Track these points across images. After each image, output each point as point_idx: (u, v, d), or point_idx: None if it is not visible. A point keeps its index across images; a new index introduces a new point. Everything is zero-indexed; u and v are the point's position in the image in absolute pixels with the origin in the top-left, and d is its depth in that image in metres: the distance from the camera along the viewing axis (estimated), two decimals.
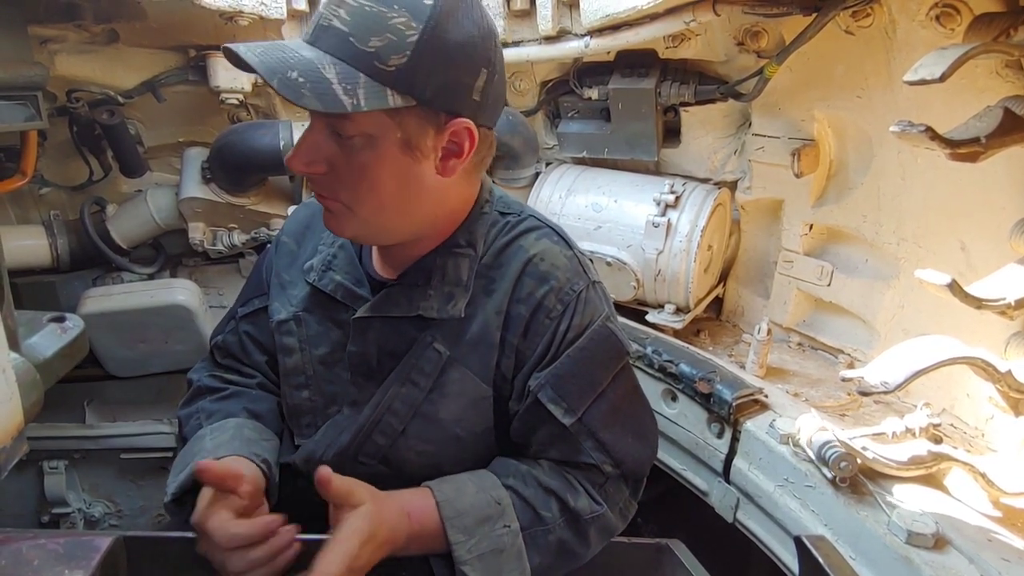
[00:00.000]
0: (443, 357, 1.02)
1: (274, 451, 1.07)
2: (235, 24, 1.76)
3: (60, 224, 2.07)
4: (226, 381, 1.18)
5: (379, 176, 0.91)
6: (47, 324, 0.82)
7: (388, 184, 0.92)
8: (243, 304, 1.20)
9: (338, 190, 0.93)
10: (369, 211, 0.94)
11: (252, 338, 1.19)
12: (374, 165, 0.90)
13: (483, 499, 0.96)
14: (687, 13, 1.60)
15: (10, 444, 0.65)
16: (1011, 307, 1.15)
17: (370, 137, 0.88)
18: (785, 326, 1.91)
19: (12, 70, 1.59)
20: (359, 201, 0.93)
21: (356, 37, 0.84)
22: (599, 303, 1.06)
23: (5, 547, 0.82)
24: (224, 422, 1.07)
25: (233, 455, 0.99)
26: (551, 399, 1.00)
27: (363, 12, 0.84)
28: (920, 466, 1.23)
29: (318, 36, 0.86)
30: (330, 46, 0.84)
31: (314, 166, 0.91)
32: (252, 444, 1.03)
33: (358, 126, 0.87)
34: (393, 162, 0.90)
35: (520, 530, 0.97)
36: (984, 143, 1.03)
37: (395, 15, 0.84)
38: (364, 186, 0.91)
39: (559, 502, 1.01)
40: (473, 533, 0.93)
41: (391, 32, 0.83)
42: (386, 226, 0.97)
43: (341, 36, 0.84)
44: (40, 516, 2.31)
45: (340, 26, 0.84)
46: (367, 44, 0.83)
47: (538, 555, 0.98)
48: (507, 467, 1.04)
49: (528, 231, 1.07)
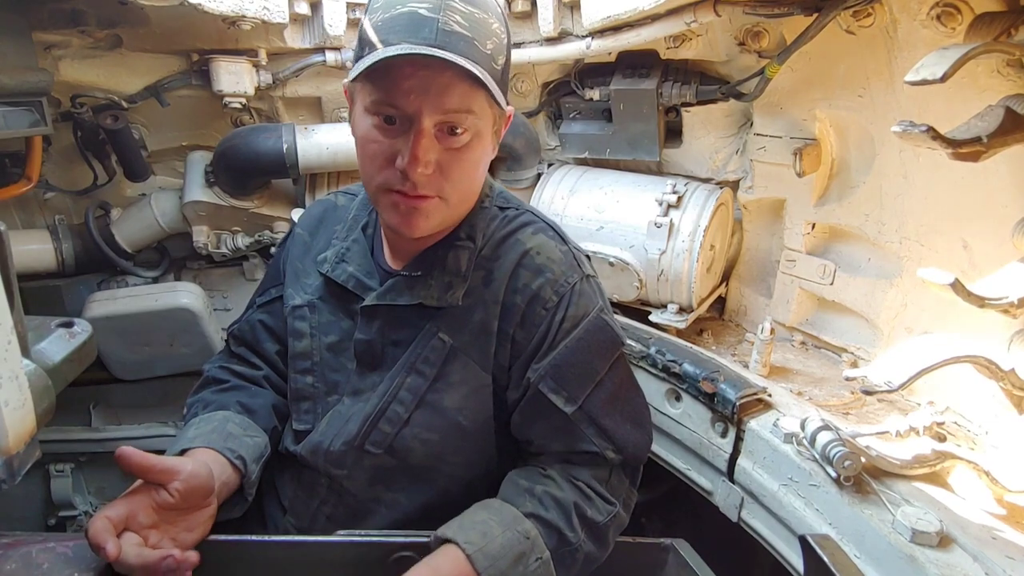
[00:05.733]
0: (447, 346, 1.05)
1: (256, 448, 1.07)
2: (238, 28, 1.76)
3: (65, 228, 2.08)
4: (233, 373, 1.22)
5: (478, 166, 1.00)
6: (55, 329, 0.83)
7: (481, 172, 1.03)
8: (261, 294, 1.26)
9: (440, 186, 0.97)
10: (459, 199, 1.01)
11: (266, 326, 1.23)
12: (479, 156, 0.99)
13: (511, 537, 0.95)
14: (688, 14, 1.60)
15: (23, 449, 0.65)
16: (1014, 305, 1.16)
17: (479, 131, 0.96)
18: (788, 325, 1.91)
19: (17, 76, 1.60)
20: (457, 191, 0.99)
21: (478, 41, 0.91)
22: (593, 295, 1.09)
23: (15, 550, 0.83)
24: (213, 414, 1.10)
25: (205, 447, 1.00)
26: (552, 389, 1.03)
27: (474, 18, 0.91)
28: (924, 464, 1.23)
29: (446, 40, 0.89)
30: (463, 50, 0.89)
31: (429, 167, 0.94)
32: (231, 439, 1.04)
33: (477, 121, 0.95)
34: (487, 151, 1.01)
35: (550, 558, 0.97)
36: (986, 142, 1.03)
37: (492, 20, 0.94)
38: (466, 178, 0.99)
39: (580, 517, 1.02)
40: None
41: (495, 36, 0.94)
42: (460, 213, 1.06)
43: (467, 40, 0.90)
44: (47, 519, 2.32)
45: (462, 31, 0.90)
46: (485, 47, 0.92)
47: (567, 572, 0.99)
48: (519, 491, 1.03)
49: (525, 225, 1.11)
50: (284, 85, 2.09)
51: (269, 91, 2.07)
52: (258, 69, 1.98)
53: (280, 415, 1.20)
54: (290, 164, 1.97)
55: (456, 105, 0.91)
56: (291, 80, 2.08)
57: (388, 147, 0.94)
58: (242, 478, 1.02)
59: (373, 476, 1.09)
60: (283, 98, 2.14)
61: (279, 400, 1.21)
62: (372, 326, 1.09)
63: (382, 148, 0.94)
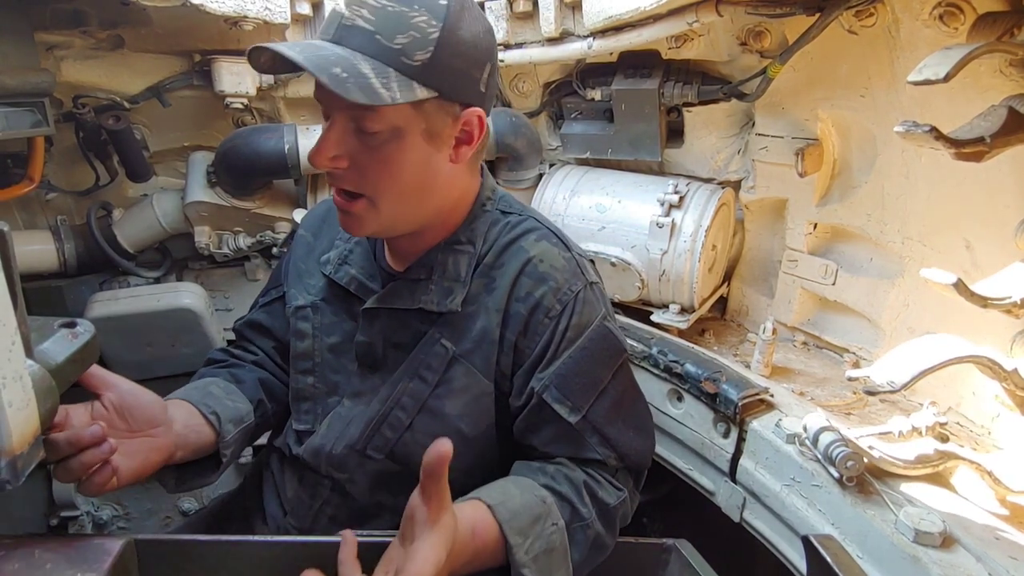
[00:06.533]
0: (449, 353, 1.05)
1: (236, 411, 1.10)
2: (239, 29, 1.76)
3: (67, 229, 2.08)
4: (228, 354, 1.27)
5: (403, 166, 0.96)
6: (58, 329, 0.82)
7: (410, 173, 0.97)
8: (264, 295, 1.29)
9: (361, 183, 0.96)
10: (390, 201, 0.98)
11: (263, 325, 1.26)
12: (399, 156, 0.95)
13: (529, 499, 0.95)
14: (690, 14, 1.60)
15: (27, 450, 0.65)
16: (1017, 305, 1.16)
17: (397, 129, 0.93)
18: (790, 325, 1.91)
19: (19, 77, 1.61)
20: (381, 192, 0.97)
21: (382, 35, 0.88)
22: (597, 303, 1.09)
23: (17, 551, 0.83)
24: (199, 380, 1.14)
25: (180, 400, 1.04)
26: (556, 399, 1.03)
27: (386, 12, 0.89)
28: (927, 465, 1.23)
29: (343, 35, 0.89)
30: (358, 44, 0.88)
31: (338, 160, 0.94)
32: (209, 397, 1.08)
33: (386, 119, 0.92)
34: (417, 152, 0.96)
35: (564, 527, 0.97)
36: (989, 142, 1.03)
37: (416, 14, 0.90)
38: (387, 177, 0.96)
39: (591, 496, 1.02)
40: (528, 534, 0.92)
41: (414, 30, 0.90)
42: (403, 216, 1.02)
43: (367, 34, 0.88)
44: (49, 519, 2.32)
45: (365, 25, 0.89)
46: (393, 41, 0.89)
47: (577, 551, 0.99)
48: (531, 469, 1.04)
49: (528, 232, 1.10)
50: (286, 85, 2.09)
51: (271, 91, 2.08)
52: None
53: (268, 392, 1.22)
54: (292, 164, 1.98)
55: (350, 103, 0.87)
56: (292, 81, 2.08)
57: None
58: (217, 436, 1.04)
59: (375, 481, 1.09)
60: (285, 98, 2.14)
61: (268, 377, 1.24)
62: (373, 328, 1.09)
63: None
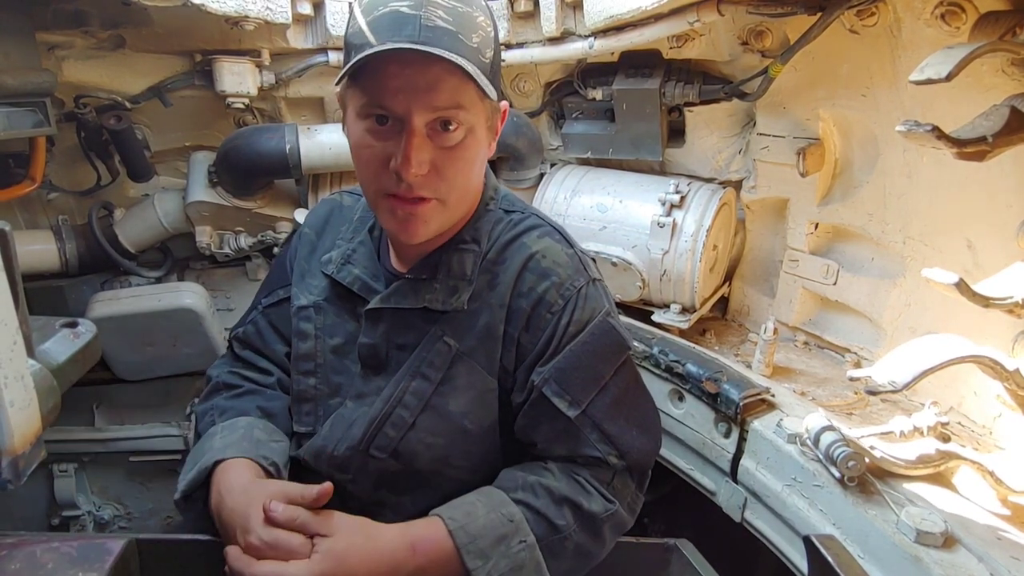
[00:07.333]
0: (452, 350, 1.05)
1: (283, 452, 1.09)
2: (241, 29, 1.76)
3: (68, 229, 2.08)
4: (243, 378, 1.20)
5: (474, 163, 0.98)
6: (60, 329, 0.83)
7: (478, 169, 1.01)
8: (267, 295, 1.23)
9: (437, 186, 0.95)
10: (457, 200, 0.99)
11: (274, 327, 1.21)
12: (472, 154, 0.96)
13: (495, 518, 0.96)
14: (691, 13, 1.60)
15: (29, 450, 0.65)
16: (1018, 305, 1.16)
17: (472, 127, 0.94)
18: (791, 325, 1.91)
19: (21, 77, 1.61)
20: (455, 192, 0.98)
21: (463, 35, 0.89)
22: (599, 299, 1.08)
23: (19, 550, 0.83)
24: (236, 420, 1.09)
25: (241, 456, 1.01)
26: (555, 393, 1.03)
27: (457, 12, 0.89)
28: (928, 465, 1.23)
29: (429, 36, 0.87)
30: (448, 44, 0.88)
31: (423, 167, 0.93)
32: (261, 446, 1.05)
33: (468, 116, 0.93)
34: (482, 147, 0.98)
35: (536, 543, 0.97)
36: (991, 142, 1.03)
37: (477, 13, 0.92)
38: (463, 176, 0.97)
39: (572, 508, 1.02)
40: (490, 555, 0.93)
41: (481, 29, 0.92)
42: (460, 213, 1.04)
43: (452, 34, 0.88)
44: (50, 519, 2.32)
45: (446, 25, 0.88)
46: (471, 40, 0.90)
47: (557, 562, 0.99)
48: (515, 480, 1.04)
49: (531, 228, 1.10)
50: (287, 85, 2.09)
51: (272, 91, 2.08)
52: (261, 69, 1.98)
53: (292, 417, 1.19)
54: (293, 164, 1.98)
55: (445, 101, 0.89)
56: (294, 80, 2.08)
57: (381, 151, 0.93)
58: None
59: (378, 480, 1.09)
60: (286, 98, 2.14)
61: (287, 399, 1.20)
62: (377, 329, 1.08)
63: (375, 152, 0.93)
